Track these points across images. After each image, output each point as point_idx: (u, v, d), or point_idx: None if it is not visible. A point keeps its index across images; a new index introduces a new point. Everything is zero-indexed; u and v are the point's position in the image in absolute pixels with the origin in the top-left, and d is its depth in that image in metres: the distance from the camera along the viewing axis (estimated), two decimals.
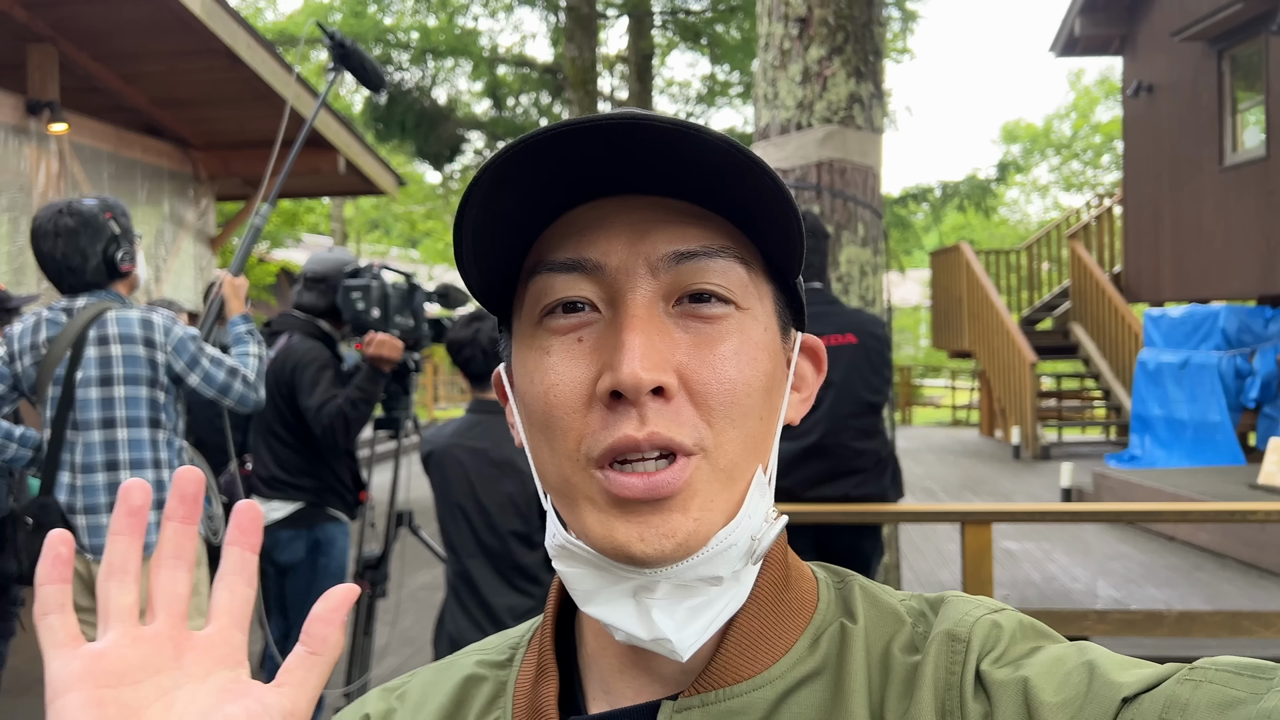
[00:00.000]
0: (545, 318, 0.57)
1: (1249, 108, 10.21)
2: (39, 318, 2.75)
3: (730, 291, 0.56)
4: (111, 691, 0.47)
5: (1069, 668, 0.54)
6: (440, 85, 13.64)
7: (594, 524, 0.55)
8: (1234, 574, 6.45)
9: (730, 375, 0.55)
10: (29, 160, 6.72)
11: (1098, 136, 30.75)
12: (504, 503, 2.69)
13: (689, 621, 0.56)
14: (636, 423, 0.53)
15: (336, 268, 3.58)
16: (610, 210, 0.56)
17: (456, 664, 0.69)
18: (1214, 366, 9.36)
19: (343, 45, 3.13)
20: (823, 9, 4.38)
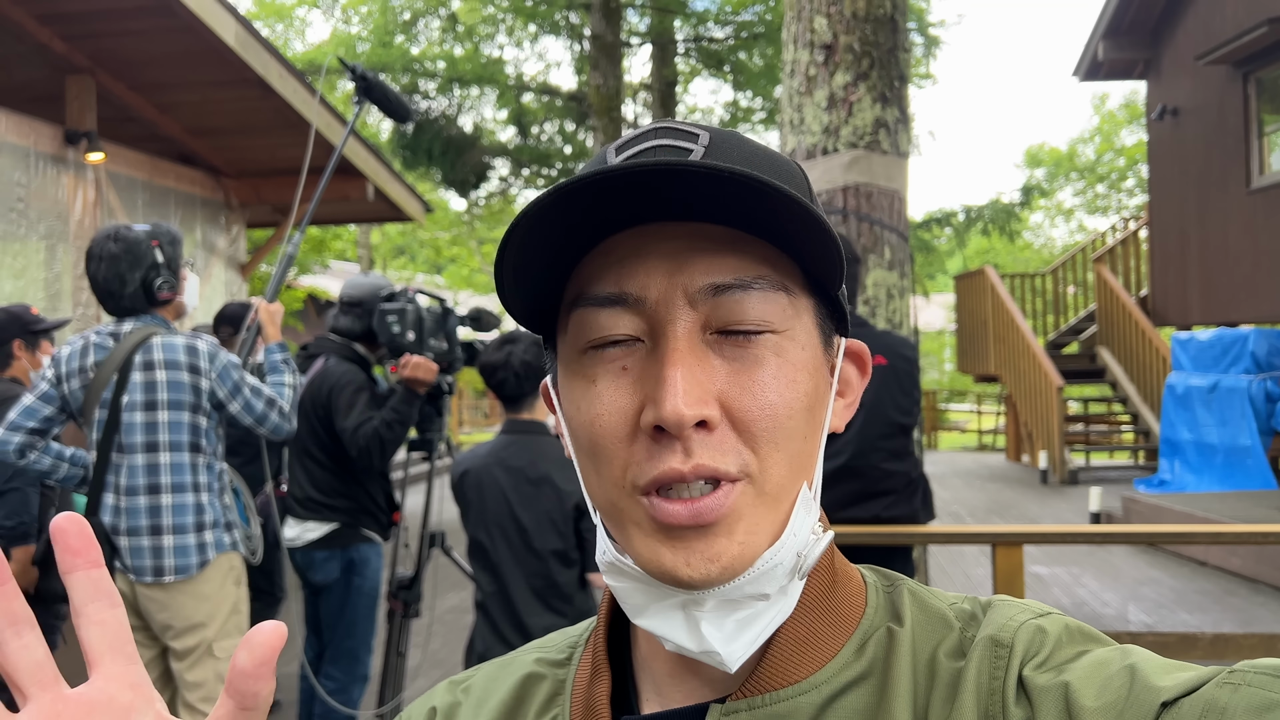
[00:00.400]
0: (590, 349, 0.59)
1: (1275, 130, 10.17)
2: (87, 341, 2.81)
3: (767, 322, 0.57)
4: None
5: (1110, 672, 0.54)
6: (466, 113, 13.81)
7: (642, 548, 0.57)
8: (1268, 599, 6.37)
9: (771, 400, 0.56)
10: (66, 189, 6.87)
11: (1122, 160, 30.63)
12: (542, 520, 2.72)
13: (737, 634, 0.57)
14: (681, 456, 0.55)
15: (372, 292, 3.65)
16: (648, 239, 0.57)
17: (518, 660, 0.72)
18: (1244, 390, 9.28)
19: (365, 79, 3.20)
20: (848, 36, 4.43)
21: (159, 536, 2.73)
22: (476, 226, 22.35)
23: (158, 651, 2.85)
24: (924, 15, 14.07)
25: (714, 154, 0.59)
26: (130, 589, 2.75)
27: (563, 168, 14.76)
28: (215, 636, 2.80)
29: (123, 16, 6.37)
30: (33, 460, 2.76)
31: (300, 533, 3.52)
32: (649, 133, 0.60)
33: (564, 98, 14.02)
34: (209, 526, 2.79)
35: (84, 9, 6.26)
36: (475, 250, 24.47)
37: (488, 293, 27.26)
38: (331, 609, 3.61)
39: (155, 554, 2.73)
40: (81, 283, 6.98)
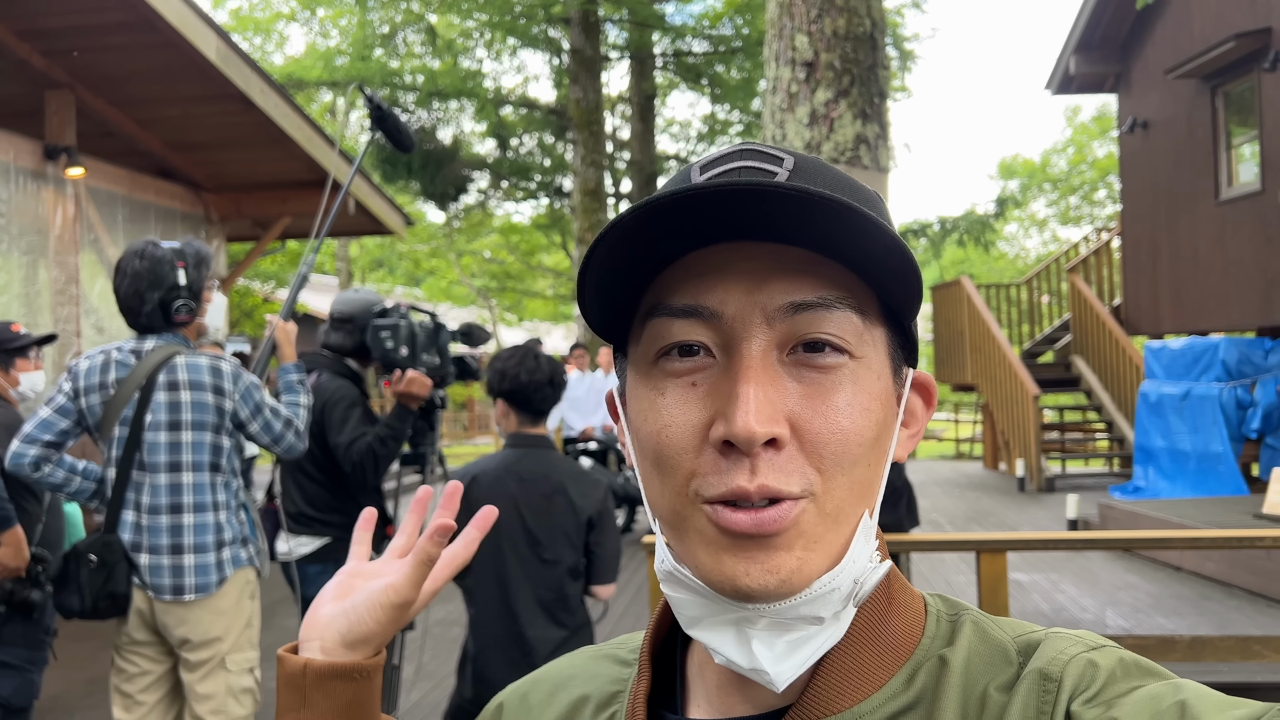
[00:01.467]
0: (661, 359, 0.59)
1: (1243, 143, 10.37)
2: (108, 356, 2.81)
3: (845, 342, 0.57)
4: (349, 579, 0.79)
5: (1161, 708, 0.52)
6: (445, 126, 13.84)
7: (705, 557, 0.57)
8: (1241, 602, 6.48)
9: (843, 425, 0.56)
10: (46, 204, 6.84)
11: (1094, 172, 31.03)
12: (556, 532, 2.73)
13: (787, 655, 0.57)
14: (748, 473, 0.55)
15: (363, 308, 3.67)
16: (728, 257, 0.57)
17: (584, 670, 0.75)
18: (1215, 398, 9.44)
19: (380, 108, 3.25)
20: (829, 53, 4.51)
21: (180, 555, 2.75)
22: (455, 239, 22.35)
23: (171, 665, 2.86)
24: (899, 29, 14.25)
25: (799, 176, 0.59)
26: (148, 604, 2.77)
27: (542, 180, 14.81)
28: (229, 650, 2.82)
29: (103, 32, 6.37)
30: (47, 473, 2.77)
31: (293, 547, 3.54)
32: (734, 154, 0.60)
33: (543, 111, 14.08)
34: (227, 544, 2.82)
35: (64, 25, 6.26)
36: (454, 263, 24.45)
37: (466, 305, 27.23)
38: None
39: (175, 573, 2.74)
40: (61, 298, 6.95)
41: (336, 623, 0.75)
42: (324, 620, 0.75)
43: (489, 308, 26.08)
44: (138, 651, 2.81)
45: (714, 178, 0.59)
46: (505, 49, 14.25)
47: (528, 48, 13.90)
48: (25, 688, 3.21)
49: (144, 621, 2.79)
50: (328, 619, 0.75)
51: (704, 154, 0.65)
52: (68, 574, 2.73)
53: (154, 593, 2.75)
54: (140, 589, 2.77)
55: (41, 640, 3.29)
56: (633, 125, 14.42)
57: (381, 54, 13.60)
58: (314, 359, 3.66)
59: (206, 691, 2.78)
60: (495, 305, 26.30)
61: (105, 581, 2.71)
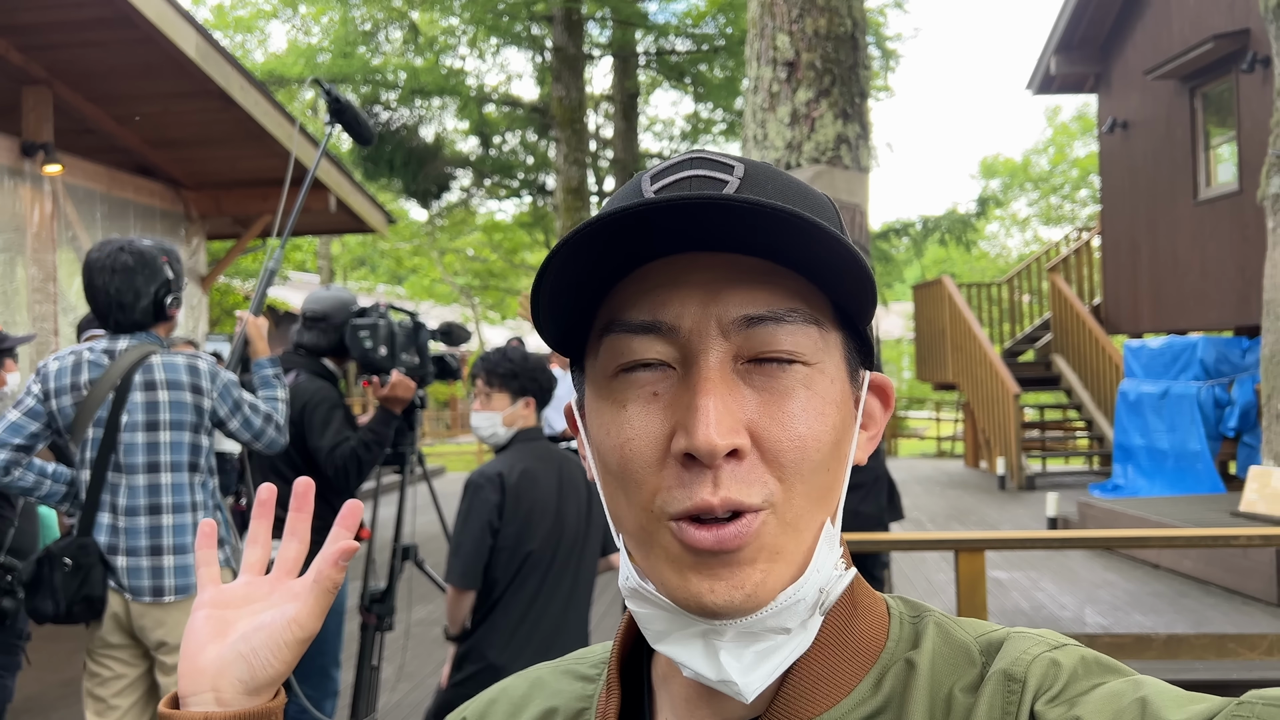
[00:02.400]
0: (621, 373, 0.59)
1: (1221, 143, 10.46)
2: (79, 357, 2.75)
3: (798, 353, 0.58)
4: (219, 611, 0.73)
5: (1122, 705, 0.53)
6: (428, 124, 13.79)
7: (669, 575, 0.57)
8: (1218, 600, 6.54)
9: (800, 432, 0.57)
10: (23, 201, 6.78)
11: (1075, 171, 31.24)
12: (589, 514, 2.87)
13: (755, 665, 0.57)
14: (711, 486, 0.55)
15: (336, 306, 3.63)
16: (682, 268, 0.57)
17: (547, 684, 0.73)
18: (1193, 396, 9.52)
19: (338, 100, 3.23)
20: (810, 53, 4.52)
21: (159, 556, 2.71)
22: (438, 237, 22.29)
23: (145, 668, 2.82)
24: (881, 29, 14.30)
25: (749, 186, 0.59)
26: (124, 607, 2.72)
27: (525, 178, 14.78)
28: None
29: (81, 28, 6.31)
30: (17, 477, 2.72)
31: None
32: (684, 163, 0.60)
33: (526, 109, 14.06)
34: None
35: (41, 20, 6.20)
36: (437, 261, 24.39)
37: (449, 303, 27.16)
38: None
39: (155, 574, 2.71)
40: (38, 296, 6.89)
41: (233, 669, 0.69)
42: (214, 667, 0.69)
43: (472, 306, 26.02)
44: (112, 655, 2.78)
45: (664, 188, 0.59)
46: (488, 47, 14.22)
47: (510, 45, 13.87)
48: None
49: (119, 625, 2.76)
50: (219, 665, 0.69)
51: (654, 164, 0.64)
52: (41, 578, 2.69)
53: (132, 595, 2.71)
54: (116, 592, 2.74)
55: (15, 645, 3.25)
56: (616, 123, 14.42)
57: (364, 51, 13.54)
58: (289, 359, 3.63)
59: None
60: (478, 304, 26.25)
61: (80, 585, 2.67)
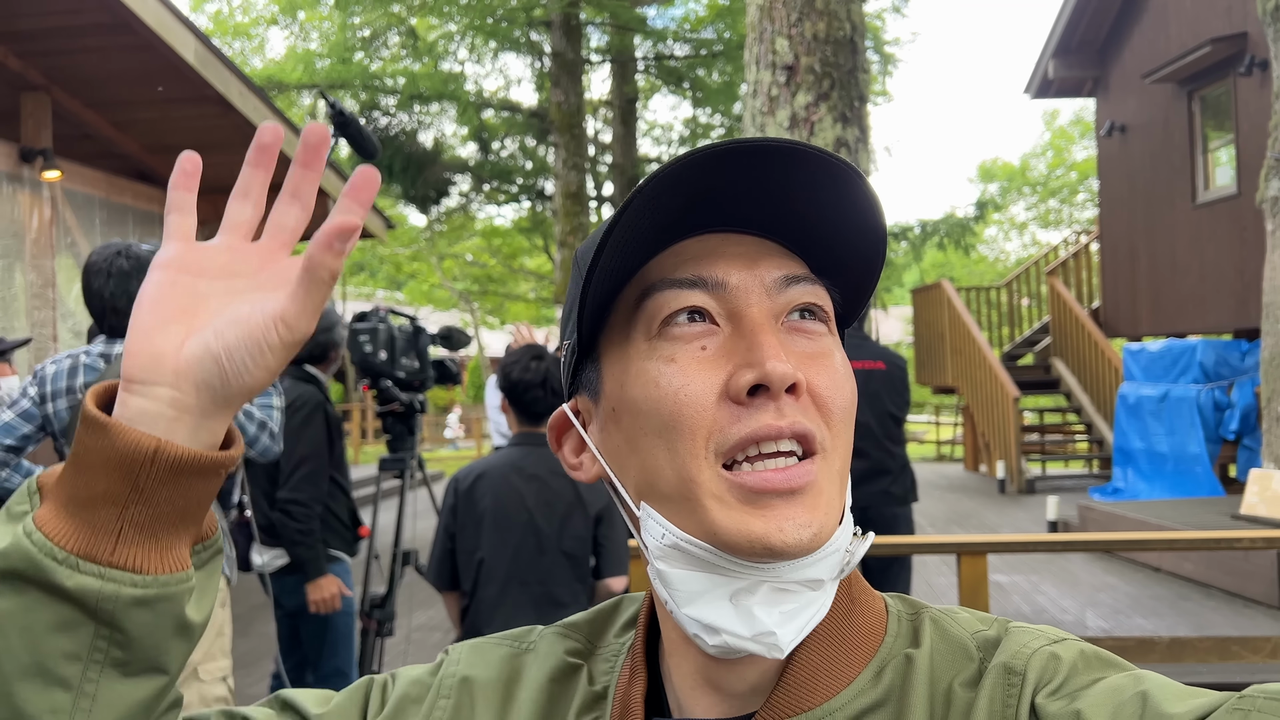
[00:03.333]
0: (665, 327, 0.60)
1: (1219, 146, 10.47)
2: (75, 361, 2.75)
3: (827, 315, 0.63)
4: (188, 278, 0.57)
5: (1123, 699, 0.53)
6: (426, 129, 13.80)
7: (726, 521, 0.57)
8: (1219, 603, 6.53)
9: (845, 385, 0.61)
10: (22, 207, 6.77)
11: (1073, 175, 31.27)
12: (563, 529, 2.71)
13: (785, 622, 0.58)
14: (774, 413, 0.57)
15: None
16: (717, 244, 0.61)
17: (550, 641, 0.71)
18: (1192, 399, 9.51)
19: (343, 114, 3.23)
20: (809, 57, 4.52)
21: None
22: (437, 242, 22.28)
23: None
24: (879, 34, 14.33)
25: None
26: None
27: (523, 184, 14.79)
28: (201, 659, 2.78)
29: (80, 34, 6.31)
30: (4, 478, 2.72)
31: (269, 559, 3.50)
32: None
33: (525, 114, 14.07)
34: None
35: (40, 26, 6.20)
36: (435, 266, 24.38)
37: (448, 309, 27.15)
38: (312, 632, 3.59)
39: None
40: (37, 302, 6.88)
41: (201, 369, 0.54)
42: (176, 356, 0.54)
43: (471, 311, 26.01)
44: None
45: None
46: (486, 52, 14.23)
47: (509, 51, 13.88)
48: None
49: None
50: (184, 358, 0.54)
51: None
52: None
53: None
54: None
55: None
56: (614, 129, 14.43)
57: (362, 57, 13.55)
58: None
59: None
60: (477, 308, 26.23)
61: None
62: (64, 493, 0.53)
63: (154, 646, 0.54)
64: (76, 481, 0.53)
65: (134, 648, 0.53)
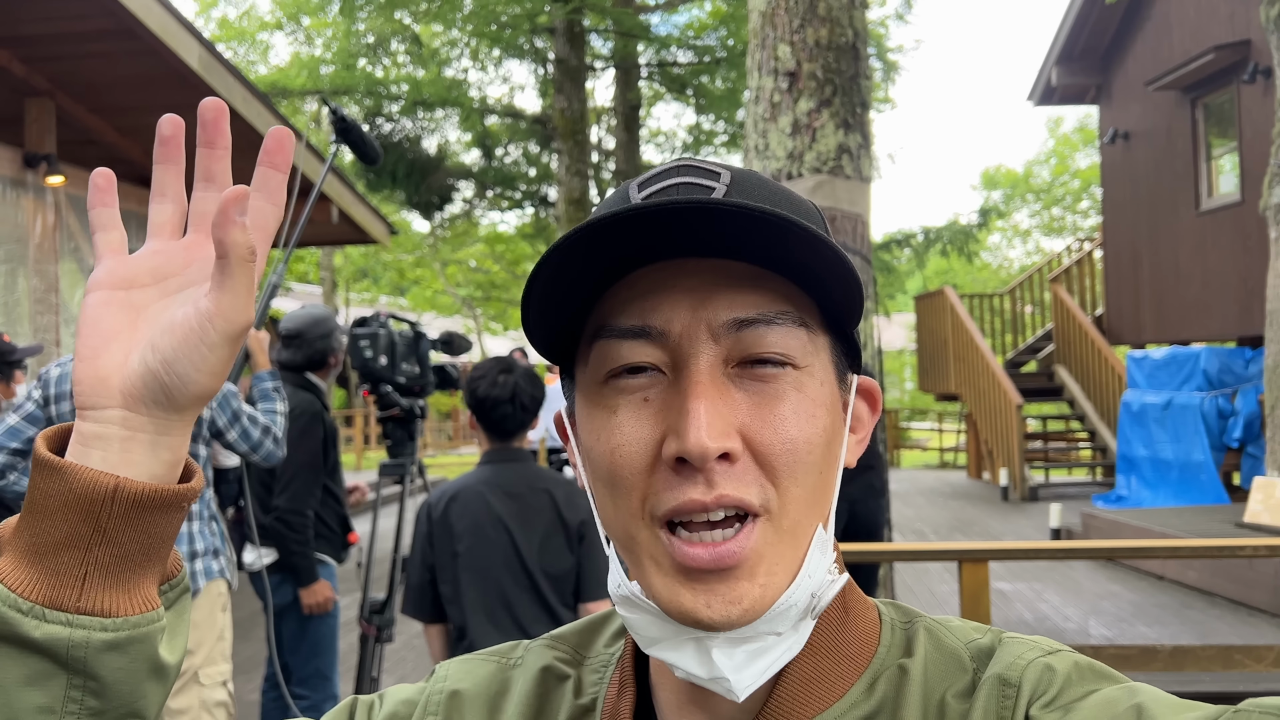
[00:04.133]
0: (611, 379, 0.58)
1: (1223, 154, 10.46)
2: None
3: (788, 355, 0.57)
4: (121, 293, 0.56)
5: (1117, 711, 0.53)
6: (430, 136, 13.83)
7: (660, 588, 0.56)
8: (1223, 611, 6.51)
9: (791, 434, 0.56)
10: (26, 212, 6.79)
11: (1076, 182, 31.27)
12: (547, 545, 2.56)
13: (747, 664, 0.57)
14: (703, 487, 0.54)
15: (309, 323, 3.75)
16: (671, 274, 0.57)
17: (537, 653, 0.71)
18: (1196, 407, 9.49)
19: (344, 120, 3.23)
20: (811, 63, 4.52)
21: None
22: (440, 248, 22.32)
23: None
24: (883, 41, 14.34)
25: (735, 192, 0.59)
26: None
27: (527, 190, 14.81)
28: (201, 663, 2.78)
29: (84, 40, 6.33)
30: (12, 481, 2.72)
31: (256, 558, 3.51)
32: (671, 170, 0.61)
33: (528, 121, 14.08)
34: (200, 555, 2.78)
35: (45, 32, 6.22)
36: (439, 272, 24.41)
37: (451, 314, 27.18)
38: (291, 632, 3.63)
39: None
40: (40, 307, 6.89)
41: (143, 387, 0.54)
42: (120, 376, 0.54)
43: (474, 317, 26.04)
44: None
45: (652, 195, 0.59)
46: (490, 59, 14.26)
47: (513, 57, 13.91)
48: None
49: None
50: (126, 376, 0.54)
51: (642, 173, 0.63)
52: None
53: None
54: None
55: None
56: (617, 135, 14.45)
57: (366, 63, 13.58)
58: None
59: (180, 706, 2.74)
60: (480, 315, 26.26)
61: None
62: (23, 541, 0.52)
63: (129, 691, 0.53)
64: (36, 528, 0.52)
65: (109, 695, 0.52)
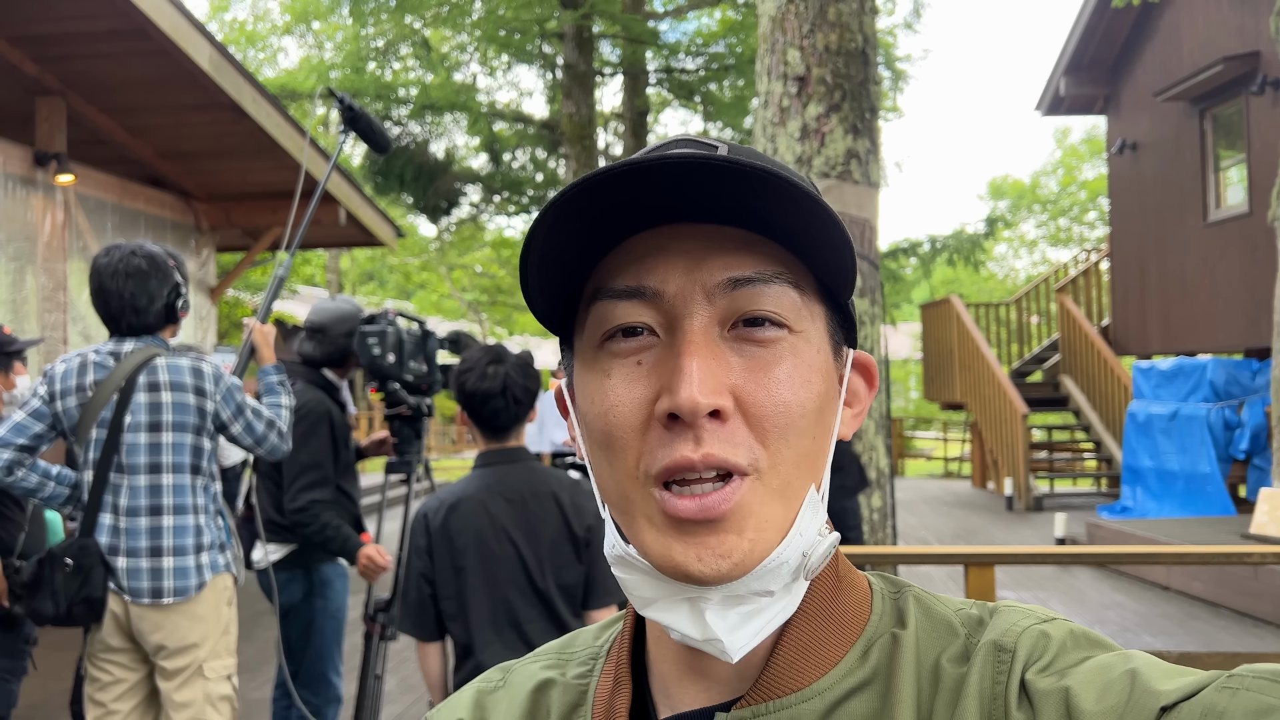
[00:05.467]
0: (606, 341, 0.59)
1: (1231, 165, 10.45)
2: (85, 359, 2.77)
3: (783, 316, 0.58)
4: None
5: (1112, 676, 0.54)
6: (438, 139, 13.85)
7: (652, 543, 0.57)
8: (1229, 622, 6.48)
9: (785, 397, 0.57)
10: (35, 210, 6.81)
11: (1083, 193, 31.24)
12: (556, 553, 2.40)
13: (740, 625, 0.57)
14: (692, 444, 0.55)
15: (335, 318, 3.67)
16: (666, 238, 0.58)
17: (525, 669, 0.72)
18: (1203, 418, 9.47)
19: (351, 109, 3.23)
20: (820, 68, 4.53)
21: (159, 558, 2.71)
22: (447, 252, 22.35)
23: (145, 673, 2.81)
24: (891, 50, 14.35)
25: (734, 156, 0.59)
26: (124, 609, 2.72)
27: (534, 195, 14.83)
28: (207, 657, 2.78)
29: (95, 40, 6.36)
30: (20, 478, 2.73)
31: (264, 554, 3.51)
32: (671, 143, 0.61)
33: (536, 126, 14.11)
34: (206, 548, 2.78)
35: (56, 31, 6.25)
36: (445, 276, 24.44)
37: (456, 319, 27.20)
38: (297, 630, 3.60)
39: (154, 575, 2.71)
40: (48, 305, 6.91)
41: None
42: None
43: (479, 322, 26.06)
44: (112, 660, 2.77)
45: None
46: (499, 64, 14.30)
47: (521, 63, 13.95)
48: (4, 697, 3.16)
49: (119, 628, 2.75)
50: None
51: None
52: (41, 578, 2.69)
53: (131, 596, 2.71)
54: (116, 594, 2.73)
55: (21, 650, 3.24)
56: (625, 141, 14.46)
57: (375, 67, 13.62)
58: (291, 368, 3.64)
59: (184, 700, 2.74)
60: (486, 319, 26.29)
61: (81, 586, 2.67)
62: None
63: None
64: None
65: None
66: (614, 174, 0.54)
